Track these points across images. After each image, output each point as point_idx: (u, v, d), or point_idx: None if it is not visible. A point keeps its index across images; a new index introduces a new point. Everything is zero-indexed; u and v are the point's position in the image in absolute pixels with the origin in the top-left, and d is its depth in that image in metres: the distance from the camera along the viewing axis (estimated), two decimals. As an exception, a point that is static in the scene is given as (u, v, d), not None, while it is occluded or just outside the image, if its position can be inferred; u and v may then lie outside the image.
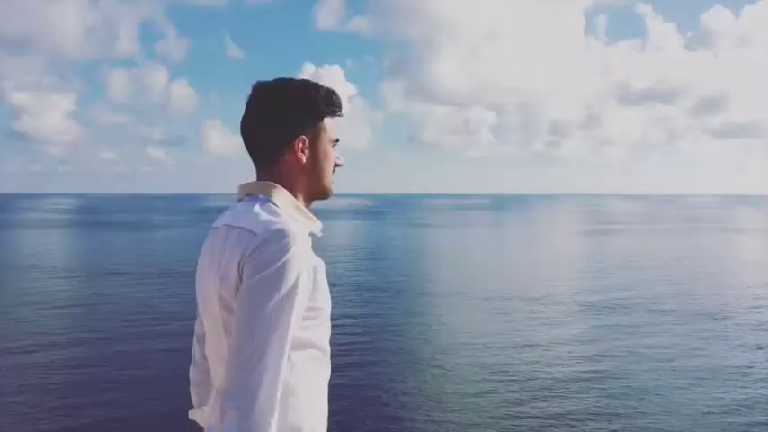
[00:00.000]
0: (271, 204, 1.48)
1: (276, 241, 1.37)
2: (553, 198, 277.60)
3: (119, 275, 20.74)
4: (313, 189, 1.58)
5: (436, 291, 17.78)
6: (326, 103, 1.57)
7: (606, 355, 10.89)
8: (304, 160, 1.54)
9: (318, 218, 1.63)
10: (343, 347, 10.81)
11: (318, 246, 1.48)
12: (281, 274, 1.35)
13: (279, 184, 1.53)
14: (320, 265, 1.48)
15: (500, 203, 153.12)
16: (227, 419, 1.30)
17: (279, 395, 1.33)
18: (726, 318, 13.99)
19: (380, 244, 35.29)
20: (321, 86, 1.58)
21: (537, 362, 10.51)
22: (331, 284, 1.50)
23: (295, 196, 1.54)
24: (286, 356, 1.36)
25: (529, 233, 47.13)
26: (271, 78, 1.58)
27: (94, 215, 75.10)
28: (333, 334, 1.57)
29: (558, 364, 10.34)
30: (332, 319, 1.55)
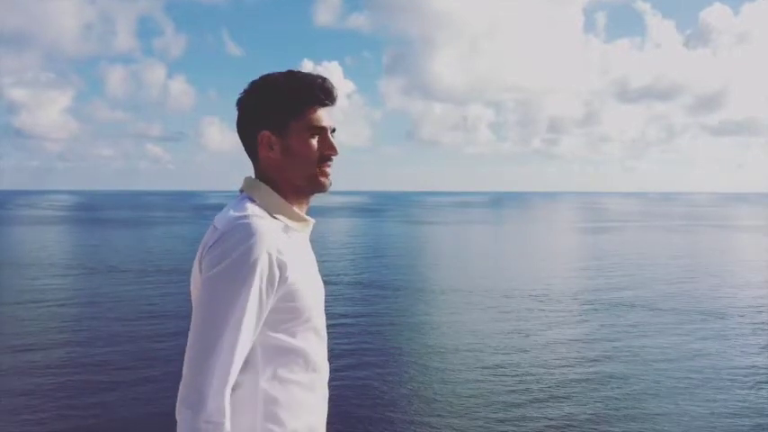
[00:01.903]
0: (248, 201, 1.45)
1: (231, 236, 1.33)
2: (552, 195, 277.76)
3: (117, 273, 20.70)
4: (295, 183, 1.50)
5: (435, 288, 17.77)
6: (299, 92, 1.48)
7: (607, 356, 10.88)
8: (272, 156, 1.49)
9: (315, 215, 1.60)
10: (341, 346, 10.81)
11: (316, 243, 1.45)
12: (233, 269, 1.31)
13: (263, 179, 1.50)
14: (296, 262, 1.40)
15: (499, 201, 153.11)
16: (180, 418, 1.30)
17: (228, 395, 1.30)
18: (727, 317, 13.98)
19: (379, 241, 35.25)
20: (296, 76, 1.50)
21: (537, 362, 10.50)
22: (330, 282, 1.48)
23: (282, 192, 1.49)
24: (239, 356, 1.31)
25: (528, 231, 47.10)
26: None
27: (92, 212, 74.96)
28: (331, 332, 1.53)
29: (558, 366, 10.33)
30: (331, 317, 1.51)
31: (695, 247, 31.95)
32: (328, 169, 1.51)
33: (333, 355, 1.53)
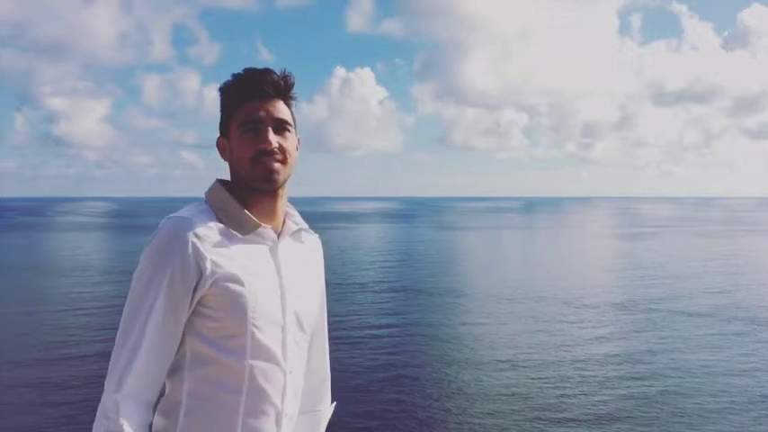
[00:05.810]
0: (201, 201, 1.44)
1: (154, 236, 1.35)
2: (586, 200, 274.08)
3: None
4: (245, 183, 1.42)
5: (470, 295, 17.56)
6: (230, 91, 1.44)
7: (650, 371, 10.53)
8: (227, 159, 1.47)
9: (347, 221, 1.50)
10: (372, 355, 10.68)
11: (348, 249, 1.34)
12: (145, 269, 1.33)
13: (231, 183, 1.47)
14: (230, 268, 1.33)
15: (532, 206, 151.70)
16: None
17: (126, 393, 1.29)
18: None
19: (412, 247, 35.09)
20: (232, 77, 1.45)
21: (577, 377, 10.24)
22: (360, 288, 1.37)
23: (240, 194, 1.42)
24: (142, 356, 1.31)
25: (563, 236, 46.50)
26: (299, 82, 1.53)
27: (129, 218, 76.42)
28: (363, 340, 1.42)
29: (599, 380, 10.06)
30: (362, 325, 1.40)
31: (737, 253, 31.04)
32: (273, 164, 1.41)
33: (366, 367, 1.41)
